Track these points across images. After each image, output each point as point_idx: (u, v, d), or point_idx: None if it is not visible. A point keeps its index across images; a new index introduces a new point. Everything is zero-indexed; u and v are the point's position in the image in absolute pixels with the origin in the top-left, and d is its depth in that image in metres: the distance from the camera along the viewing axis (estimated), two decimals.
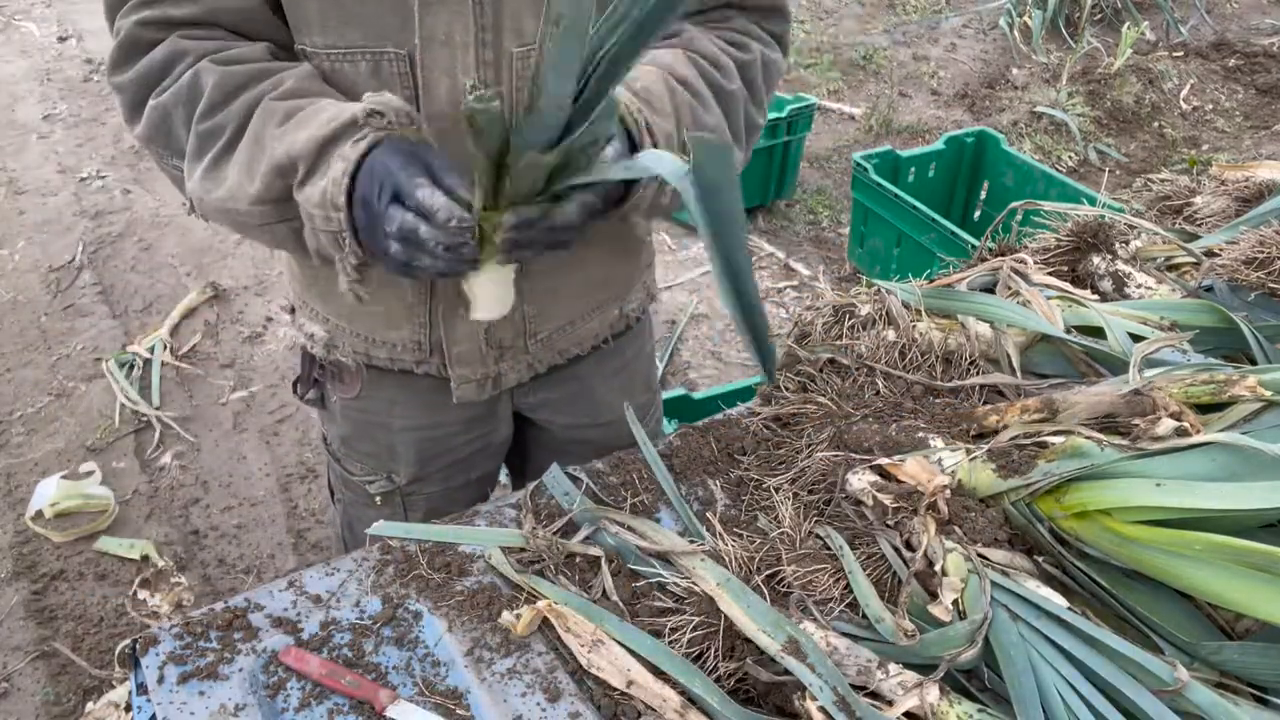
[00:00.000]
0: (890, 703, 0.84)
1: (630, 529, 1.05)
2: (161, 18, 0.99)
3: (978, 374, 1.15)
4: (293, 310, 1.30)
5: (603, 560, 1.01)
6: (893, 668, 0.86)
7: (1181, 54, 5.07)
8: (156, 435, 2.77)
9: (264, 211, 0.97)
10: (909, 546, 0.95)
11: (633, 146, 1.00)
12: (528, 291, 1.17)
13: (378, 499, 1.40)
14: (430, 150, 0.94)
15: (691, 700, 0.87)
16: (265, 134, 0.95)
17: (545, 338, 1.25)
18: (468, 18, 0.98)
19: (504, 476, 1.93)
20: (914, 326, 1.20)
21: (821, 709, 0.82)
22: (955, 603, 0.89)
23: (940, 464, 1.01)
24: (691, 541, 1.02)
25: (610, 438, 1.29)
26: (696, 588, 0.95)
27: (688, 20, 1.15)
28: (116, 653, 2.16)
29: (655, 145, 0.99)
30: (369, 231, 0.93)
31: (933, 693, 0.83)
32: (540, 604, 0.96)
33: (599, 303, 1.30)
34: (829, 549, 0.97)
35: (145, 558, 2.40)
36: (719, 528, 1.02)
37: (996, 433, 1.06)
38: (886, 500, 0.98)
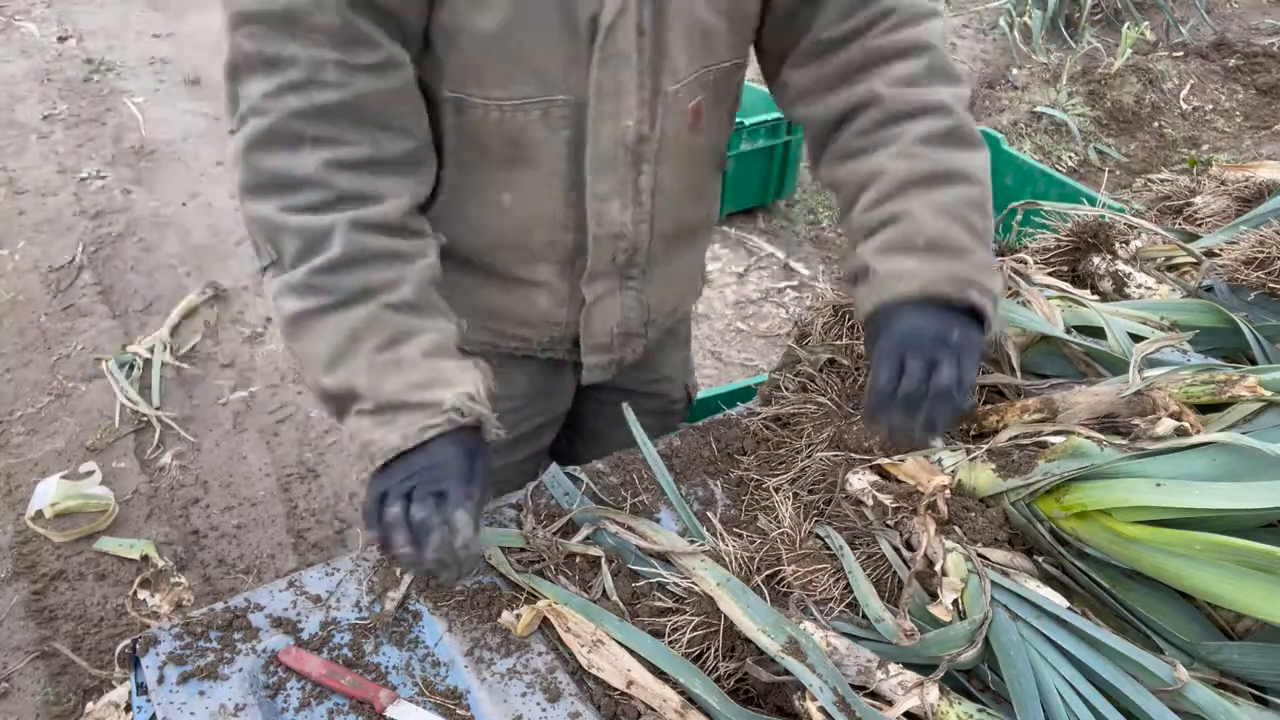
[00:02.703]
0: (890, 703, 0.84)
1: (630, 529, 1.05)
2: (311, 107, 0.94)
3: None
4: None
5: (603, 560, 1.01)
6: (893, 668, 0.86)
7: (1181, 54, 5.07)
8: (156, 435, 2.77)
9: (320, 392, 0.99)
10: (909, 546, 0.95)
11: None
12: (649, 284, 1.25)
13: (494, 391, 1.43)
14: (479, 466, 0.95)
15: (691, 700, 0.87)
16: (360, 346, 0.95)
17: (659, 320, 1.33)
18: (633, 68, 1.03)
19: None
20: None
21: (821, 709, 0.82)
22: (955, 603, 0.89)
23: (940, 464, 1.01)
24: (691, 541, 1.02)
25: (669, 390, 1.49)
26: (696, 588, 0.95)
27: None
28: (116, 653, 2.16)
29: (980, 286, 0.99)
30: (376, 499, 0.94)
31: (932, 693, 0.83)
32: (540, 604, 0.96)
33: (696, 279, 1.42)
34: (829, 549, 0.97)
35: (145, 558, 2.40)
36: (719, 528, 1.02)
37: (996, 433, 1.06)
38: (886, 500, 0.98)
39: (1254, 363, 1.15)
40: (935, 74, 1.07)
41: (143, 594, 2.30)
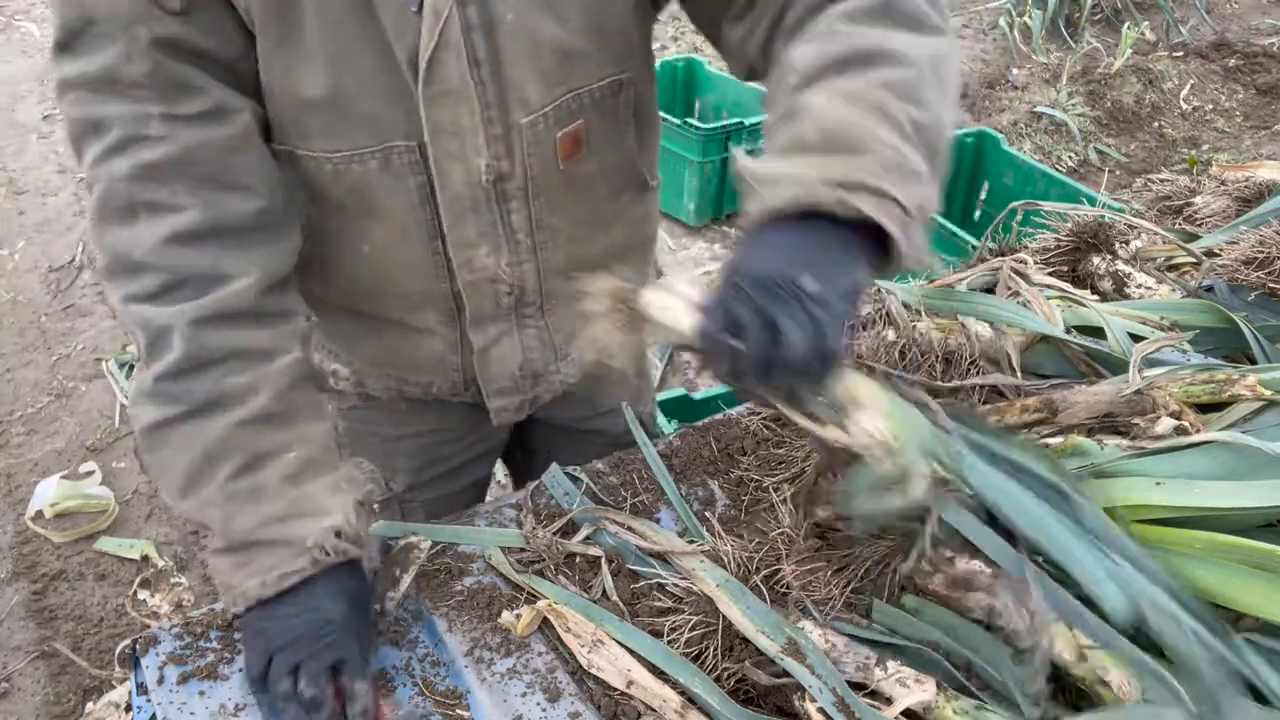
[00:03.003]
0: (889, 700, 0.84)
1: (630, 529, 1.05)
2: (137, 167, 0.86)
3: (978, 374, 1.15)
4: None
5: (603, 560, 1.01)
6: (891, 665, 0.86)
7: (1181, 54, 5.07)
8: None
9: (181, 512, 0.92)
10: None
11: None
12: (554, 320, 1.17)
13: (375, 506, 1.39)
14: (362, 613, 0.91)
15: (691, 700, 0.87)
16: (215, 473, 0.88)
17: (574, 356, 1.24)
18: (472, 102, 0.95)
19: (503, 475, 1.94)
20: (914, 326, 1.20)
21: (821, 710, 0.82)
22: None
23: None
24: (690, 541, 1.02)
25: (611, 425, 1.32)
26: (695, 588, 0.95)
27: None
28: (116, 653, 2.16)
29: (875, 191, 0.73)
30: (259, 664, 0.87)
31: (930, 689, 0.83)
32: (540, 604, 0.96)
33: None
34: (828, 548, 0.97)
35: (145, 558, 2.40)
36: (719, 528, 1.03)
37: None
38: None
39: (1254, 363, 1.15)
40: (887, 12, 0.83)
41: (143, 594, 2.30)
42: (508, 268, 1.08)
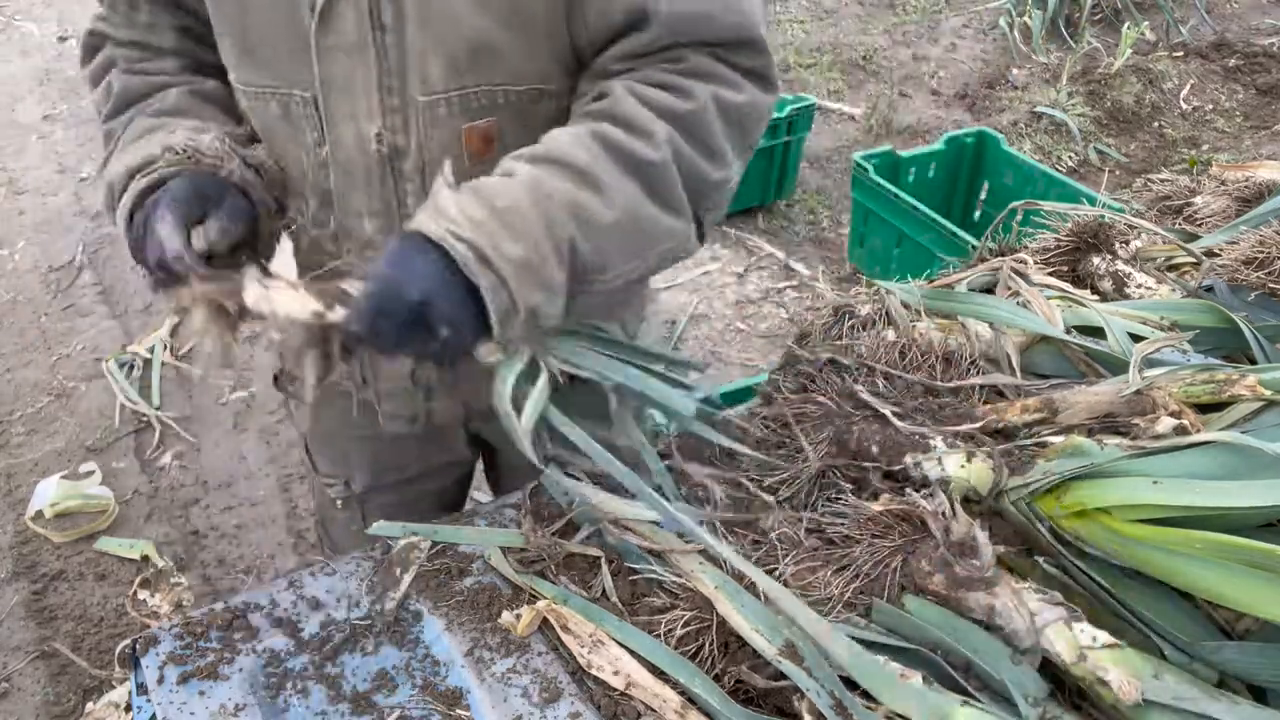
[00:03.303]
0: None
1: (629, 529, 1.05)
2: (103, 32, 1.12)
3: (978, 374, 1.15)
4: None
5: (602, 560, 1.01)
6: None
7: (1181, 54, 5.07)
8: (156, 435, 2.77)
9: (106, 198, 1.05)
10: None
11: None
12: None
13: (338, 502, 1.41)
14: (199, 195, 0.99)
15: (691, 700, 0.87)
16: (114, 148, 1.05)
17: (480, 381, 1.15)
18: (369, 65, 0.95)
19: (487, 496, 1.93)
20: (914, 326, 1.20)
21: (819, 713, 0.82)
22: None
23: (940, 464, 1.01)
24: (687, 542, 1.01)
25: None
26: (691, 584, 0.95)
27: (637, 62, 0.98)
28: (116, 653, 2.16)
29: (497, 277, 0.86)
30: (135, 251, 1.00)
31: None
32: (540, 604, 0.96)
33: None
34: (828, 549, 0.97)
35: (145, 558, 2.40)
36: (719, 528, 1.02)
37: (997, 432, 1.06)
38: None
39: (1254, 363, 1.15)
40: (678, 120, 0.95)
41: (143, 594, 2.31)
42: None
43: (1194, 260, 1.38)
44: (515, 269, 0.86)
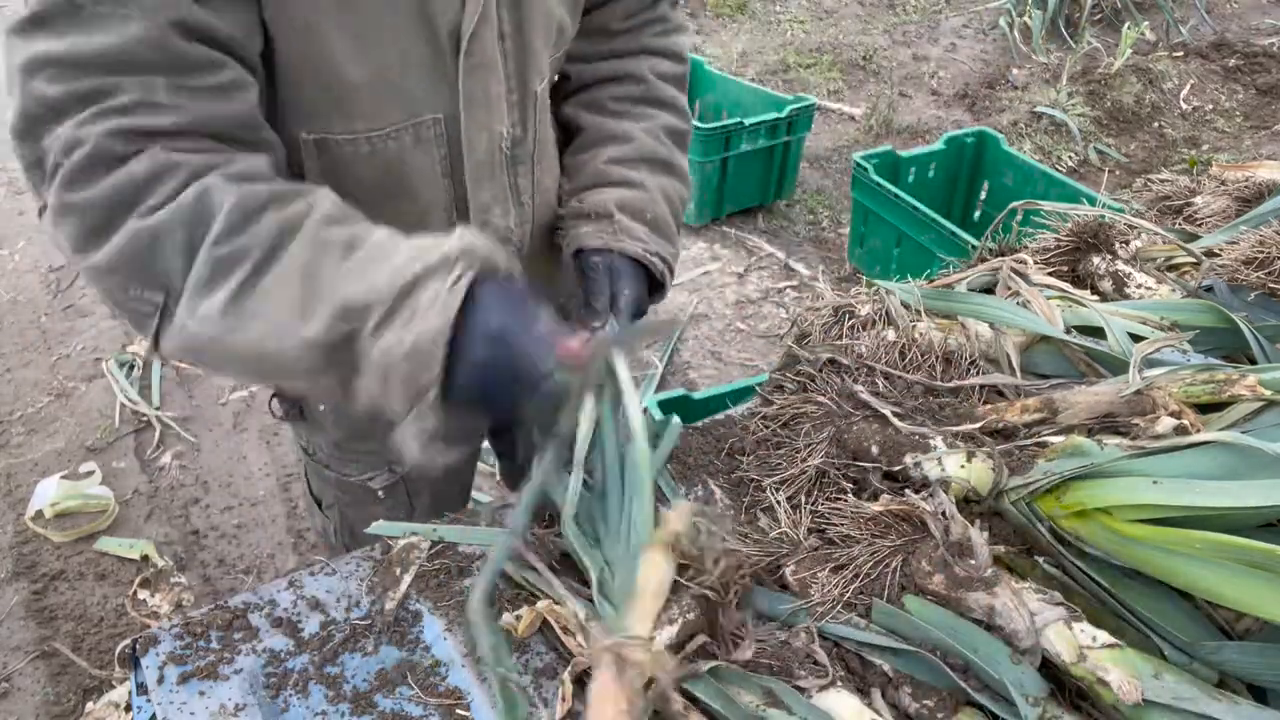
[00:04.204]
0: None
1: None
2: (139, 128, 0.80)
3: (978, 374, 1.15)
4: None
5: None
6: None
7: (1181, 54, 5.07)
8: (156, 435, 2.77)
9: (315, 356, 0.80)
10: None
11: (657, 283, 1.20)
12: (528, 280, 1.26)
13: (380, 493, 1.40)
14: (529, 294, 0.84)
15: (694, 700, 0.87)
16: (323, 268, 0.79)
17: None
18: (499, 72, 1.03)
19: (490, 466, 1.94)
20: (914, 326, 1.20)
21: None
22: None
23: (940, 464, 1.01)
24: None
25: None
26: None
27: (635, 20, 1.26)
28: (116, 653, 2.16)
29: (671, 274, 1.21)
30: (472, 394, 0.80)
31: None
32: (540, 604, 0.96)
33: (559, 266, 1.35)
34: (828, 548, 0.97)
35: (145, 558, 2.40)
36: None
37: (997, 432, 1.06)
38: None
39: (1254, 362, 1.15)
40: (682, 81, 1.30)
41: (143, 594, 2.31)
42: (516, 227, 1.17)
43: (1194, 260, 1.38)
44: (674, 263, 1.20)
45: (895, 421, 1.05)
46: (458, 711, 0.89)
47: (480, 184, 1.10)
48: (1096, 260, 1.36)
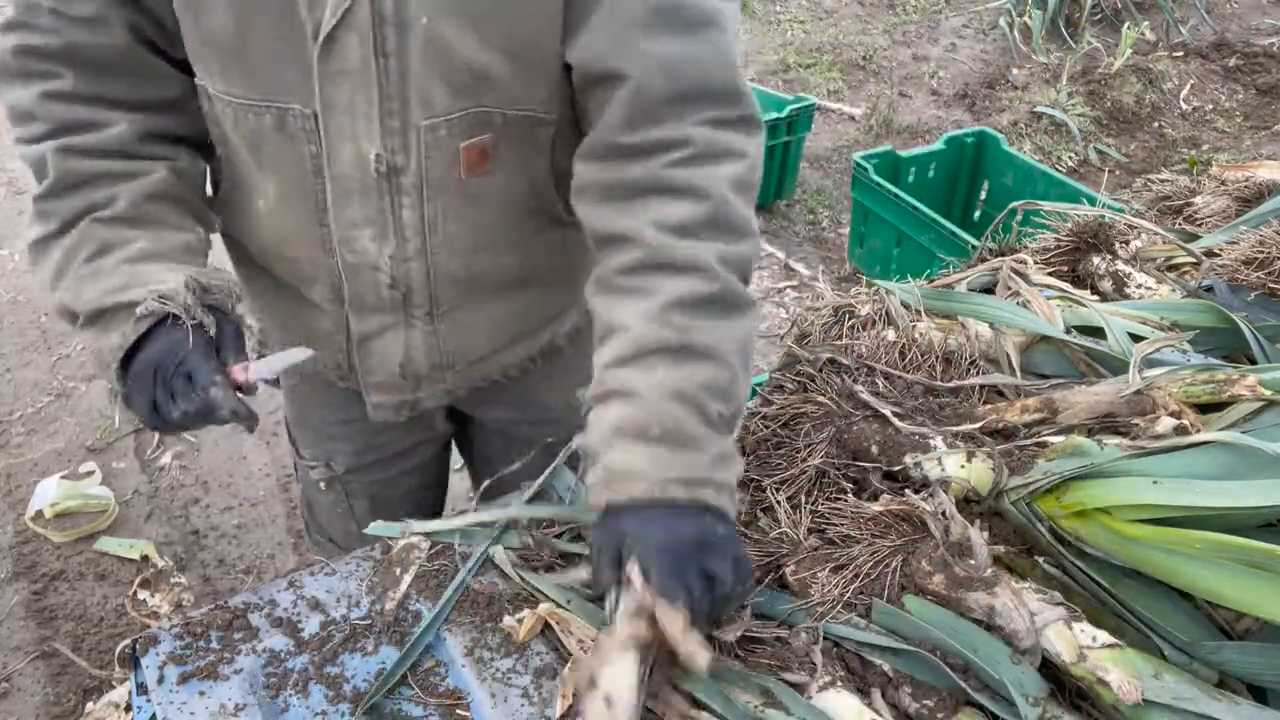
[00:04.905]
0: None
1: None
2: (26, 46, 0.98)
3: (978, 374, 1.15)
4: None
5: None
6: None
7: (1181, 54, 5.07)
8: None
9: (58, 316, 1.02)
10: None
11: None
12: (444, 328, 1.16)
13: (321, 484, 1.44)
14: (198, 344, 0.95)
15: (697, 703, 0.87)
16: (71, 264, 0.99)
17: (463, 369, 1.23)
18: (370, 89, 0.95)
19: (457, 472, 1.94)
20: (914, 326, 1.20)
21: None
22: None
23: (940, 464, 1.01)
24: None
25: (552, 433, 1.23)
26: None
27: (643, 134, 0.95)
28: (116, 653, 2.15)
29: (709, 484, 0.90)
30: (135, 397, 0.96)
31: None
32: (541, 608, 0.96)
33: (523, 332, 1.26)
34: (828, 548, 0.97)
35: (145, 558, 2.40)
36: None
37: (997, 432, 1.06)
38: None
39: (1254, 362, 1.15)
40: (711, 226, 0.94)
41: (143, 594, 2.31)
42: (390, 260, 1.07)
43: (1194, 260, 1.38)
44: (712, 462, 0.90)
45: (895, 421, 1.05)
46: (458, 712, 0.89)
47: (348, 197, 1.02)
48: (1096, 260, 1.37)
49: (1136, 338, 1.17)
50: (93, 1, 0.96)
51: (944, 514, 0.92)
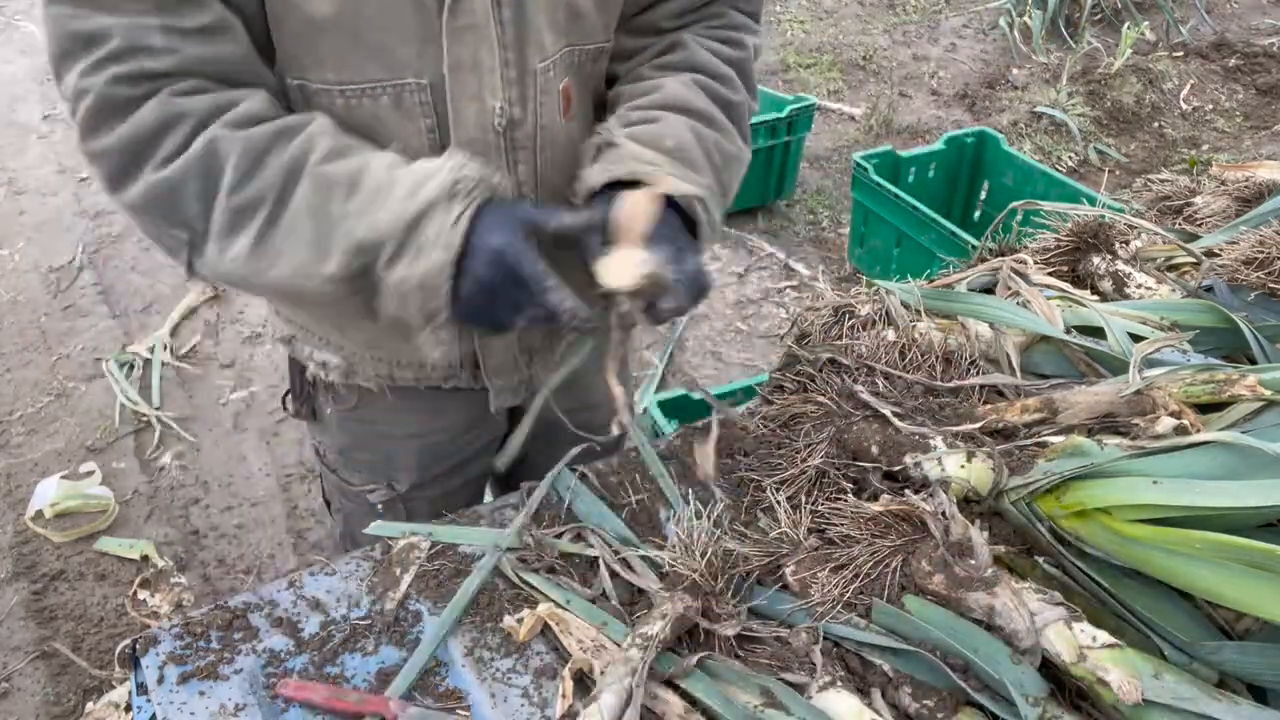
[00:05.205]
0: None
1: (617, 552, 1.03)
2: (138, 72, 0.86)
3: (978, 374, 1.15)
4: (289, 340, 1.25)
5: (601, 562, 1.01)
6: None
7: (1181, 54, 5.07)
8: (156, 435, 2.77)
9: (338, 288, 0.90)
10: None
11: (683, 214, 1.01)
12: None
13: (379, 507, 1.39)
14: (531, 212, 0.92)
15: (694, 703, 0.87)
16: (331, 208, 0.88)
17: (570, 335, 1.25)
18: (493, 40, 0.96)
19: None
20: (914, 326, 1.20)
21: None
22: None
23: (940, 464, 1.01)
24: (664, 574, 0.99)
25: (595, 419, 1.26)
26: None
27: (687, 18, 1.15)
28: (116, 653, 2.16)
29: (704, 206, 1.02)
30: (478, 312, 0.91)
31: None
32: (541, 609, 0.96)
33: None
34: (828, 548, 0.97)
35: (145, 558, 2.40)
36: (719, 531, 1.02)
37: (997, 432, 1.06)
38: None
39: (1254, 363, 1.15)
40: (739, 65, 1.15)
41: (143, 594, 2.31)
42: None
43: (1194, 260, 1.38)
44: (708, 196, 1.02)
45: (895, 421, 1.05)
46: (458, 712, 0.89)
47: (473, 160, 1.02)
48: (1096, 260, 1.36)
49: (1136, 338, 1.17)
50: (208, 10, 0.87)
51: (944, 514, 0.92)
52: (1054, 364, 1.19)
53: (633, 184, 0.97)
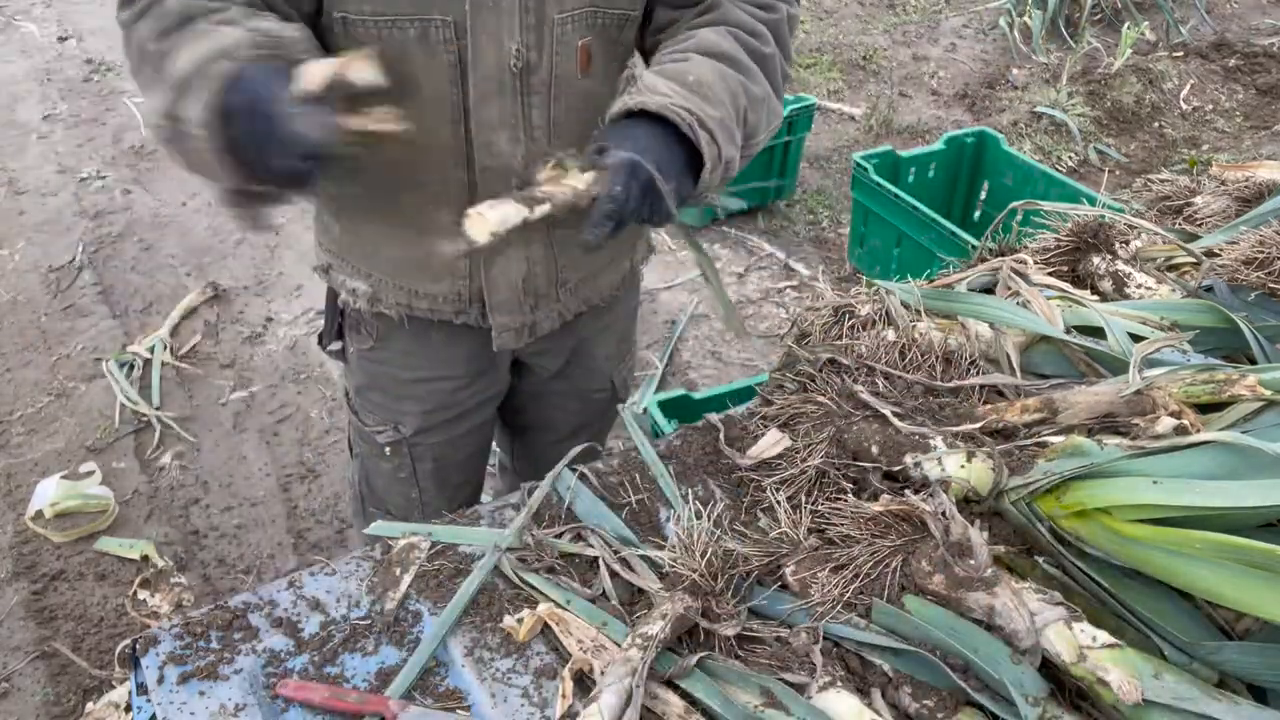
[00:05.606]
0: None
1: (617, 552, 1.03)
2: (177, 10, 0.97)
3: (978, 374, 1.15)
4: (327, 269, 1.37)
5: (601, 562, 1.01)
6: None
7: (1181, 54, 5.07)
8: (156, 435, 2.77)
9: (163, 128, 0.94)
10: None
11: (685, 139, 1.04)
12: (559, 243, 1.27)
13: (386, 449, 1.48)
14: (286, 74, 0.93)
15: (693, 703, 0.87)
16: (179, 49, 0.94)
17: (573, 286, 1.35)
18: None
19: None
20: (914, 326, 1.20)
21: None
22: None
23: (940, 464, 1.01)
24: (664, 575, 0.99)
25: (592, 383, 1.51)
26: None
27: None
28: (116, 653, 2.16)
29: (710, 135, 1.04)
30: (237, 153, 0.90)
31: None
32: (541, 609, 0.96)
33: (616, 254, 1.42)
34: (828, 548, 0.97)
35: (145, 558, 2.40)
36: (718, 532, 1.02)
37: (997, 432, 1.06)
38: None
39: (1254, 363, 1.15)
40: (775, 26, 1.20)
41: (143, 594, 2.31)
42: (523, 160, 1.15)
43: (1194, 260, 1.38)
44: (718, 127, 1.05)
45: (895, 421, 1.05)
46: (458, 712, 0.89)
47: (486, 100, 1.11)
48: (1096, 260, 1.36)
49: (1136, 338, 1.17)
50: None
51: (944, 514, 0.92)
52: (1054, 364, 1.19)
53: (646, 115, 1.03)
